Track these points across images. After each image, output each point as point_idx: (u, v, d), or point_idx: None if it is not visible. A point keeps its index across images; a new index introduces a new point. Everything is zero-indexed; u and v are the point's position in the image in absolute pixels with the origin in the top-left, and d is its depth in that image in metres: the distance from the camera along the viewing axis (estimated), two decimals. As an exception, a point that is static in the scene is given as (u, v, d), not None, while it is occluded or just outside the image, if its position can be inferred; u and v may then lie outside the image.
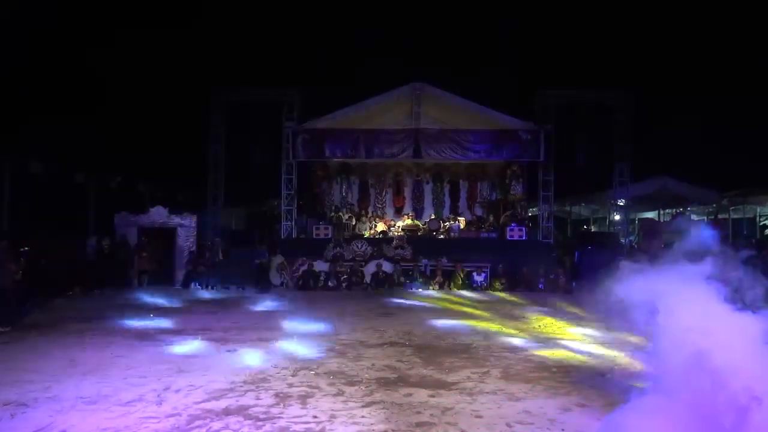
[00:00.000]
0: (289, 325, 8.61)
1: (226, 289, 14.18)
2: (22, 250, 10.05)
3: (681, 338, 3.38)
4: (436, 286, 14.59)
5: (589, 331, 8.45)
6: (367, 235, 17.51)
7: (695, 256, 3.75)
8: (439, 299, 12.52)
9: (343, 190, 19.89)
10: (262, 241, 16.42)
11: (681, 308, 3.48)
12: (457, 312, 10.54)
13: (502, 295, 13.49)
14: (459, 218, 18.75)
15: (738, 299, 3.52)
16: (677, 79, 26.53)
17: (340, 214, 18.69)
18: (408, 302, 11.87)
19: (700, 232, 4.25)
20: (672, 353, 3.42)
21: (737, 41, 24.94)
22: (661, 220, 23.41)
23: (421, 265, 15.27)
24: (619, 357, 6.56)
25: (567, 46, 29.02)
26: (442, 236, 17.71)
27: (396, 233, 17.43)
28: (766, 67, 23.48)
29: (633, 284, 3.87)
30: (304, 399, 4.78)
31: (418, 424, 4.17)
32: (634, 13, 28.69)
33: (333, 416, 4.34)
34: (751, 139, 22.08)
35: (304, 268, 14.98)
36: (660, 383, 3.53)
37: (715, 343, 3.22)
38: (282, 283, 15.12)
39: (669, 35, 27.54)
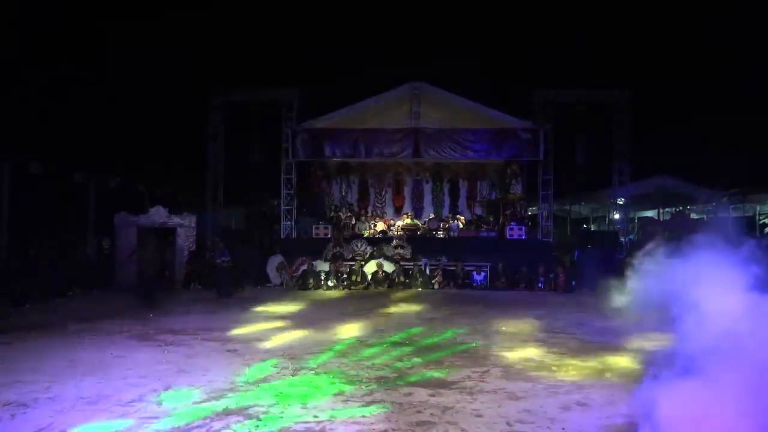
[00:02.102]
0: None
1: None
2: None
3: (722, 319, 3.48)
4: (436, 285, 14.64)
5: (591, 328, 8.48)
6: (366, 234, 17.50)
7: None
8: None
9: (343, 189, 19.90)
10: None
11: (719, 292, 3.58)
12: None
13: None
14: (459, 217, 18.76)
15: None
16: (676, 77, 26.56)
17: (340, 213, 18.69)
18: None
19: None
20: (713, 335, 3.52)
21: (736, 40, 24.95)
22: (661, 219, 23.42)
23: (421, 265, 15.28)
24: (620, 355, 6.58)
25: (566, 45, 29.02)
26: (441, 235, 17.71)
27: (396, 233, 17.43)
28: (766, 65, 23.49)
29: (663, 272, 3.92)
30: (304, 398, 4.78)
31: (419, 424, 4.17)
32: (634, 12, 28.69)
33: (333, 416, 4.34)
34: (751, 137, 22.09)
35: (304, 267, 14.99)
36: (709, 362, 3.58)
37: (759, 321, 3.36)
38: (282, 283, 15.13)
39: (668, 34, 27.55)
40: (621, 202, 18.91)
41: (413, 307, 10.94)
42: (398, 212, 19.63)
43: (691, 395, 3.43)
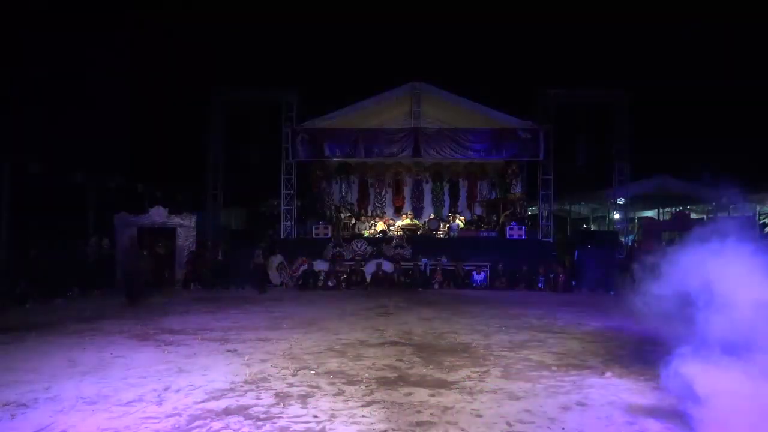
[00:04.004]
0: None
1: (226, 289, 14.23)
2: None
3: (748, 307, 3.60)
4: (436, 285, 14.65)
5: (591, 328, 8.49)
6: (366, 234, 17.51)
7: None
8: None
9: (343, 189, 19.90)
10: (262, 240, 16.47)
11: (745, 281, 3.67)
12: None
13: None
14: (459, 217, 18.76)
15: None
16: (676, 77, 26.57)
17: (340, 213, 18.70)
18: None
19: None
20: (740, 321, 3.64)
21: (736, 39, 24.97)
22: (661, 219, 23.41)
23: (420, 265, 15.28)
24: (620, 354, 6.58)
25: (567, 45, 29.04)
26: (441, 235, 17.72)
27: (396, 233, 17.44)
28: (765, 63, 23.49)
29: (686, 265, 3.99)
30: (304, 399, 4.77)
31: (419, 424, 4.17)
32: (634, 12, 28.70)
33: (333, 416, 4.34)
34: (751, 137, 22.10)
35: (304, 267, 14.98)
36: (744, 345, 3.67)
37: None
38: (282, 283, 15.13)
39: (668, 34, 27.56)
40: (621, 202, 18.91)
41: (413, 308, 10.94)
42: (398, 212, 19.64)
43: (733, 374, 3.49)
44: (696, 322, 3.92)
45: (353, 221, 18.47)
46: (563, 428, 4.10)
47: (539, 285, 14.57)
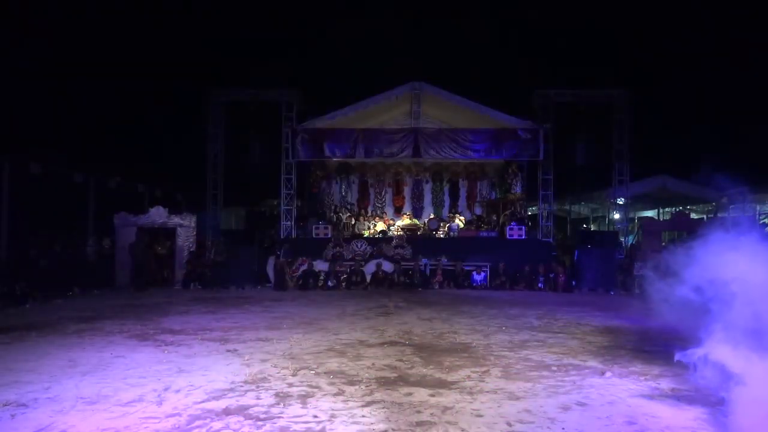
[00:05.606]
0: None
1: (226, 289, 14.24)
2: None
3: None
4: (436, 285, 14.65)
5: (591, 327, 8.49)
6: (366, 234, 17.51)
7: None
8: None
9: (343, 189, 19.92)
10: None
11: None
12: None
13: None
14: (459, 217, 18.77)
15: None
16: (676, 77, 26.56)
17: (340, 213, 18.70)
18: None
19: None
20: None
21: (737, 39, 24.96)
22: (661, 219, 23.41)
23: (420, 265, 15.28)
24: (620, 353, 6.58)
25: (567, 45, 29.05)
26: (441, 235, 17.72)
27: (396, 233, 17.44)
28: (765, 63, 23.49)
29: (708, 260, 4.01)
30: (304, 399, 4.77)
31: (419, 424, 4.17)
32: (634, 11, 28.71)
33: (333, 416, 4.34)
34: (751, 137, 22.09)
35: (304, 267, 14.98)
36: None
37: None
38: (282, 283, 15.13)
39: (668, 34, 27.56)
40: (621, 202, 18.91)
41: (413, 308, 10.94)
42: (398, 212, 19.66)
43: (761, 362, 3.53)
44: (706, 317, 3.94)
45: (353, 221, 18.47)
46: (563, 428, 4.10)
47: (539, 285, 14.57)
